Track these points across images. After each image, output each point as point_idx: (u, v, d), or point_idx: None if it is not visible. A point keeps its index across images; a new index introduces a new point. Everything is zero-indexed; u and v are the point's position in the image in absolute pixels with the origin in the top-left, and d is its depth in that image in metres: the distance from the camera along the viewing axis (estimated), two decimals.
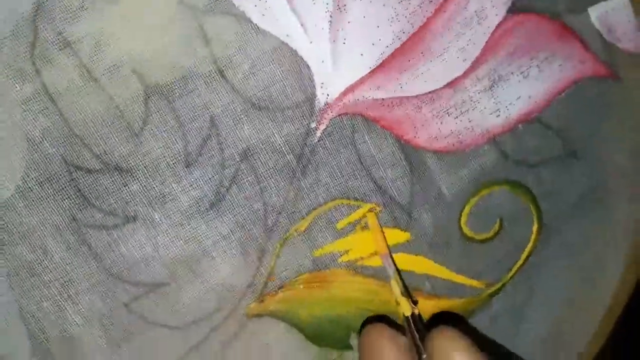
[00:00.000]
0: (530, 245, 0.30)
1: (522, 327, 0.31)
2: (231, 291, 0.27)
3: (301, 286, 0.28)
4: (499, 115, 0.28)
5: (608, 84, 0.30)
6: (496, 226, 0.29)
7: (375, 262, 0.28)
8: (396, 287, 0.26)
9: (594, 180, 0.30)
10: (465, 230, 0.29)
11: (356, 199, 0.28)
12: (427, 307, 0.29)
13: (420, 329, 0.25)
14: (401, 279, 0.27)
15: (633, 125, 0.30)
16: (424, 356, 0.24)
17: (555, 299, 0.31)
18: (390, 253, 0.27)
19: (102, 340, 0.26)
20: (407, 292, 0.27)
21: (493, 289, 0.30)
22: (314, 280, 0.28)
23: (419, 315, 0.26)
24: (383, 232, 0.27)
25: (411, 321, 0.25)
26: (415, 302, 0.26)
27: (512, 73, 0.28)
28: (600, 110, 0.30)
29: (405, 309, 0.26)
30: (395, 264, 0.27)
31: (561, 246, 0.30)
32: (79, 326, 0.26)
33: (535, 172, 0.29)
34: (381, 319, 0.27)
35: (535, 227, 0.30)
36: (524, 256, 0.30)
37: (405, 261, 0.29)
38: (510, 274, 0.30)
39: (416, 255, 0.29)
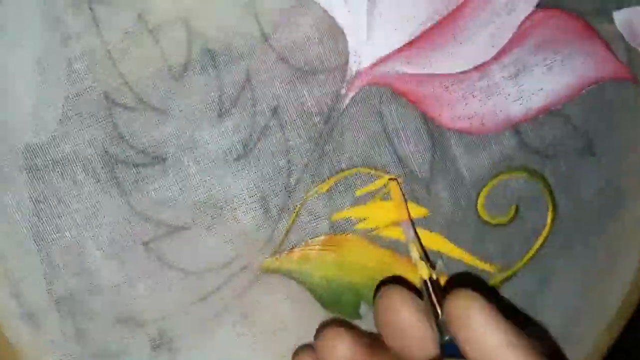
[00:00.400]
0: (544, 233, 0.30)
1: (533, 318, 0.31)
2: (248, 244, 0.27)
3: (317, 248, 0.28)
4: (521, 104, 0.29)
5: (628, 87, 0.30)
6: (512, 212, 0.30)
7: (391, 233, 0.29)
8: (414, 251, 0.27)
9: (610, 177, 0.31)
10: (482, 212, 0.29)
11: (377, 169, 0.28)
12: None
13: (437, 293, 0.25)
14: (420, 244, 0.27)
15: None
16: (442, 317, 0.24)
17: (568, 292, 0.31)
18: (410, 218, 0.28)
19: (118, 275, 0.26)
20: (425, 256, 0.27)
21: (505, 274, 0.30)
22: (329, 244, 0.28)
23: (437, 279, 0.26)
24: (405, 199, 0.28)
25: (429, 284, 0.25)
26: (433, 267, 0.27)
27: (536, 64, 0.29)
28: (619, 112, 0.31)
29: (424, 271, 0.26)
30: (415, 229, 0.27)
31: (576, 238, 0.30)
32: (97, 259, 0.26)
33: (552, 163, 0.30)
34: (398, 281, 0.27)
35: (550, 217, 0.30)
36: (537, 244, 0.30)
37: (420, 236, 0.29)
38: (523, 261, 0.30)
39: (431, 232, 0.29)
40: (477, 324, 0.22)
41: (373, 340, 0.26)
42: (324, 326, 0.27)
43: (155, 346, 0.27)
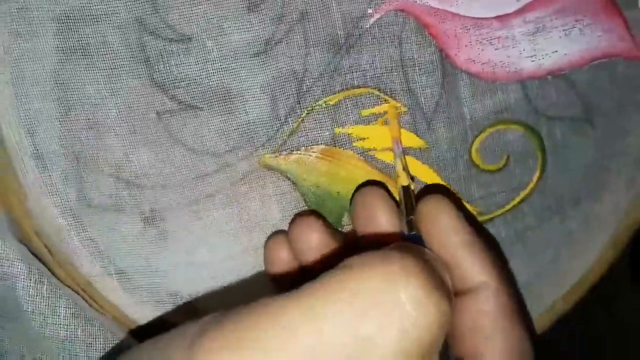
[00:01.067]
0: (528, 189, 0.32)
1: None
2: (252, 137, 0.29)
3: (314, 155, 0.30)
4: (533, 61, 0.30)
5: (639, 70, 0.32)
6: (502, 162, 0.31)
7: (386, 157, 0.30)
8: (399, 164, 0.28)
9: (601, 154, 0.32)
10: (474, 155, 0.31)
11: (386, 93, 0.30)
12: None
13: (412, 198, 0.27)
14: (404, 160, 0.29)
15: None
16: (412, 217, 0.26)
17: (538, 251, 0.32)
18: (400, 139, 0.29)
19: (127, 138, 0.28)
20: (407, 170, 0.29)
21: (483, 217, 0.31)
22: (327, 154, 0.30)
23: (413, 190, 0.28)
24: (399, 124, 0.29)
25: (407, 191, 0.27)
26: (412, 179, 0.29)
27: (555, 27, 0.30)
28: (626, 91, 0.32)
29: (404, 180, 0.28)
30: (403, 148, 0.29)
31: (555, 204, 0.32)
32: (110, 118, 0.28)
33: (550, 124, 0.31)
34: (377, 184, 0.29)
35: (537, 175, 0.31)
36: (519, 198, 0.32)
37: (412, 166, 0.30)
38: (502, 210, 0.32)
39: (423, 164, 0.31)
40: (443, 223, 0.24)
41: (341, 233, 0.28)
42: (298, 215, 0.28)
43: (147, 221, 0.29)
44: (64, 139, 0.28)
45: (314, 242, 0.26)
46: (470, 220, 0.25)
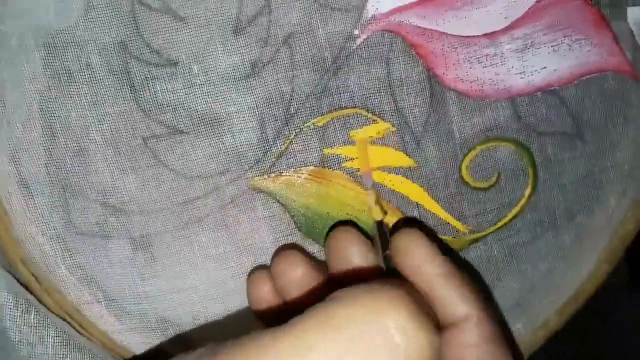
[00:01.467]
0: (519, 206, 0.31)
1: (494, 285, 0.32)
2: (240, 160, 0.28)
3: (303, 176, 0.29)
4: (522, 78, 0.30)
5: (628, 84, 0.31)
6: (493, 179, 0.31)
7: (378, 177, 0.30)
8: (372, 197, 0.29)
9: (593, 168, 0.32)
10: (465, 173, 0.30)
11: (374, 113, 0.29)
12: None
13: (386, 233, 0.27)
14: (376, 193, 0.29)
15: None
16: (387, 252, 0.26)
17: (531, 267, 0.32)
18: (371, 172, 0.29)
19: (113, 164, 0.28)
20: (379, 203, 0.29)
21: (475, 236, 0.31)
22: (316, 175, 0.29)
23: (387, 224, 0.28)
24: (367, 151, 0.29)
25: (380, 226, 0.27)
26: (385, 213, 0.29)
27: (544, 44, 0.30)
28: (615, 106, 0.31)
29: (377, 214, 0.28)
30: (373, 180, 0.29)
31: (547, 219, 0.32)
32: (96, 144, 0.27)
33: (541, 140, 0.31)
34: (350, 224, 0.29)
35: (528, 191, 0.31)
36: (511, 215, 0.31)
37: (402, 185, 0.30)
38: (495, 227, 0.31)
39: (413, 182, 0.30)
40: (419, 256, 0.24)
41: (324, 264, 0.28)
42: (280, 249, 0.28)
43: (135, 246, 0.29)
44: (50, 166, 0.27)
45: (298, 277, 0.26)
46: (445, 250, 0.25)
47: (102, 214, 0.28)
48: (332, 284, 0.26)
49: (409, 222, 0.30)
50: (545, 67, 0.30)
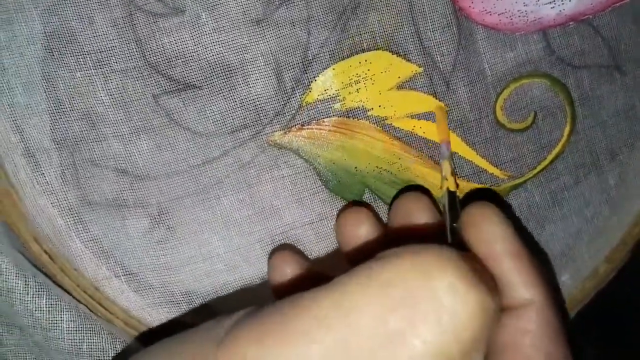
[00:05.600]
0: (559, 147, 0.28)
1: (538, 233, 0.29)
2: (259, 113, 0.26)
3: (327, 128, 0.27)
4: (553, 7, 0.27)
5: None
6: (529, 119, 0.28)
7: (404, 125, 0.27)
8: (447, 167, 0.26)
9: (633, 101, 0.29)
10: (499, 114, 0.28)
11: (399, 54, 0.27)
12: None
13: (457, 203, 0.24)
14: (451, 164, 0.26)
15: None
16: (455, 224, 0.23)
17: (576, 212, 0.29)
18: (449, 141, 0.26)
19: (124, 126, 0.25)
20: (455, 174, 0.26)
21: (514, 182, 0.28)
22: (340, 126, 0.27)
23: (458, 197, 0.25)
24: (446, 120, 0.27)
25: (452, 196, 0.25)
26: (457, 185, 0.26)
27: None
28: None
29: (451, 185, 0.25)
30: (450, 151, 0.26)
31: (589, 159, 0.29)
32: (104, 105, 0.25)
33: (577, 74, 0.28)
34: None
35: (567, 130, 0.28)
36: (551, 157, 0.28)
37: (433, 131, 0.27)
38: (534, 171, 0.28)
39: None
40: (491, 231, 0.21)
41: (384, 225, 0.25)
42: (345, 208, 0.26)
43: (153, 215, 0.26)
44: (56, 132, 0.25)
45: (361, 234, 0.24)
46: (519, 230, 0.23)
47: (116, 181, 0.25)
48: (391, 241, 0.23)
49: (481, 194, 0.27)
50: None
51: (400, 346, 0.17)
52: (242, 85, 0.25)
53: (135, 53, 0.24)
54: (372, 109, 0.27)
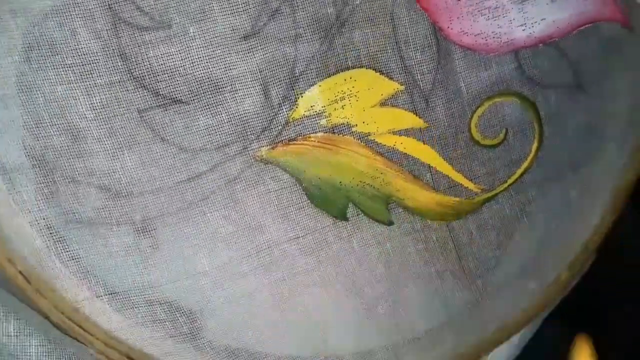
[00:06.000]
0: (527, 161, 0.30)
1: (507, 244, 0.31)
2: (246, 129, 0.26)
3: (313, 143, 0.27)
4: (524, 30, 0.29)
5: (623, 32, 0.31)
6: (501, 136, 0.29)
7: (387, 140, 0.28)
8: None
9: (595, 118, 0.31)
10: (474, 131, 0.29)
11: (382, 73, 0.27)
12: (424, 197, 0.29)
13: None
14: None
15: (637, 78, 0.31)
16: None
17: (542, 224, 0.31)
18: None
19: (107, 142, 0.24)
20: None
21: (487, 195, 0.30)
22: (326, 141, 0.27)
23: None
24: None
25: None
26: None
27: None
28: (612, 55, 0.30)
29: None
30: None
31: (554, 172, 0.31)
32: (87, 120, 0.24)
33: (544, 93, 0.30)
34: None
35: (535, 146, 0.30)
36: (520, 171, 0.30)
37: (413, 147, 0.28)
38: (505, 185, 0.30)
39: (424, 144, 0.29)
40: None
41: None
42: None
43: (138, 231, 0.25)
44: (34, 149, 0.24)
45: None
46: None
47: (98, 198, 0.24)
48: None
49: None
50: (544, 19, 0.29)
51: None
52: (229, 101, 0.25)
53: (120, 67, 0.24)
54: (357, 125, 0.27)
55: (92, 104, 0.24)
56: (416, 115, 0.28)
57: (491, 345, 0.31)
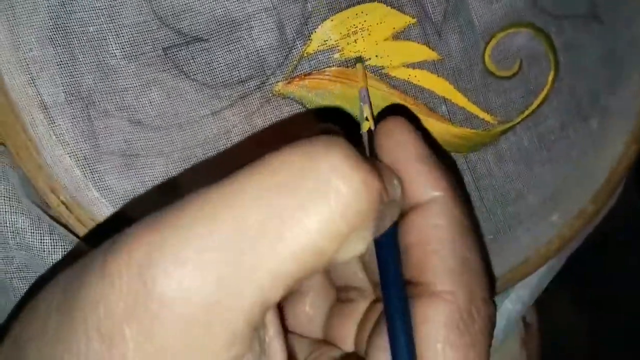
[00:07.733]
0: (544, 92, 0.30)
1: (526, 176, 0.31)
2: (263, 65, 0.27)
3: (328, 77, 0.28)
4: None
5: None
6: (516, 66, 0.30)
7: (401, 74, 0.28)
8: (367, 110, 0.26)
9: (612, 47, 0.30)
10: (488, 63, 0.29)
11: (393, 6, 0.28)
12: (440, 129, 0.29)
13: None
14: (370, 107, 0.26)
15: None
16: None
17: (562, 156, 0.31)
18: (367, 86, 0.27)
19: (135, 78, 0.26)
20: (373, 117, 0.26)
21: (504, 127, 0.30)
22: (340, 75, 0.28)
23: None
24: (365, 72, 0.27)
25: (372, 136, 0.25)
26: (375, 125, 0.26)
27: None
28: None
29: (372, 125, 0.25)
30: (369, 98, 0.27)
31: (572, 102, 0.31)
32: (117, 58, 0.26)
33: (558, 24, 0.29)
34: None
35: (551, 76, 0.30)
36: (537, 102, 0.30)
37: (427, 80, 0.29)
38: (522, 116, 0.30)
39: (438, 76, 0.29)
40: (397, 138, 0.22)
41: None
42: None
43: (167, 164, 0.27)
44: (69, 85, 0.26)
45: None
46: (430, 141, 0.23)
47: (130, 132, 0.26)
48: None
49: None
50: None
51: (290, 225, 0.17)
52: (246, 37, 0.26)
53: (145, 7, 0.25)
54: (370, 58, 0.28)
55: (120, 42, 0.25)
56: (429, 47, 0.28)
57: (514, 278, 0.31)
